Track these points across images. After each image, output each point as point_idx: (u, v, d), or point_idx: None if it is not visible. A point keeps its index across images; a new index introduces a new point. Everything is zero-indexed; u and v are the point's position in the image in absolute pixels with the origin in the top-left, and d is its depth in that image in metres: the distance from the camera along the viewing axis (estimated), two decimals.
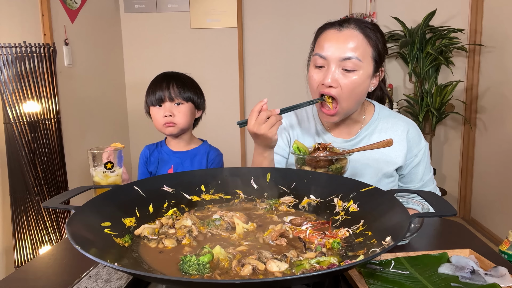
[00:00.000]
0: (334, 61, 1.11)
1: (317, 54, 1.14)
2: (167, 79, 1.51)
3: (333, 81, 1.11)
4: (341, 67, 1.11)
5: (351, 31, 1.12)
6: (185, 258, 0.68)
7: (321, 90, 1.14)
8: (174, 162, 1.56)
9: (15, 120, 1.83)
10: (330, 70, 1.11)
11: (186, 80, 1.54)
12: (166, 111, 1.48)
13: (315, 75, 1.16)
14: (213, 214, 0.92)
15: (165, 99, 1.48)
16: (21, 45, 1.82)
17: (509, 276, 0.74)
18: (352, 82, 1.11)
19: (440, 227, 1.08)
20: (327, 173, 1.06)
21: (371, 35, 1.13)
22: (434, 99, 3.04)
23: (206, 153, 1.60)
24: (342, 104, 1.14)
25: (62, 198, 0.81)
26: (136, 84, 3.43)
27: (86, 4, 2.78)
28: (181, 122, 1.50)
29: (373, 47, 1.13)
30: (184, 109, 1.50)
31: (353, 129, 1.26)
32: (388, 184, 1.25)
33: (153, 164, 1.59)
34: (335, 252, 0.75)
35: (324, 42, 1.13)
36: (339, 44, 1.10)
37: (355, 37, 1.11)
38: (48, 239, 1.96)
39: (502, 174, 2.87)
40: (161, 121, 1.50)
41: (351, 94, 1.12)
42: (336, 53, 1.10)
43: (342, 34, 1.11)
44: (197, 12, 3.31)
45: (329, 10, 3.24)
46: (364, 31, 1.12)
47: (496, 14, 2.97)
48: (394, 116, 1.28)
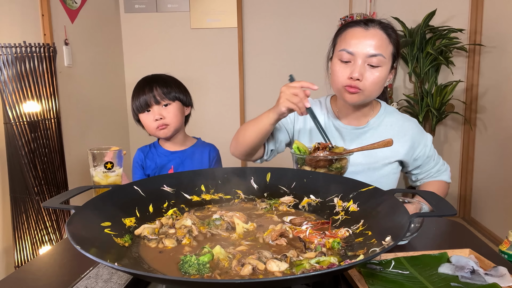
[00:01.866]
0: (361, 56, 1.18)
1: (344, 49, 1.21)
2: (149, 83, 1.50)
3: (360, 75, 1.18)
4: (367, 62, 1.19)
5: (376, 30, 1.20)
6: (185, 258, 0.68)
7: (347, 83, 1.20)
8: (174, 163, 1.55)
9: (15, 120, 1.83)
10: (357, 64, 1.18)
11: (168, 80, 1.53)
12: (156, 114, 1.47)
13: (341, 69, 1.22)
14: (213, 214, 0.92)
15: (152, 103, 1.47)
16: (21, 45, 1.82)
17: (509, 276, 0.74)
18: (376, 77, 1.19)
19: (440, 227, 1.08)
20: (327, 173, 1.07)
21: (392, 34, 1.23)
22: (434, 99, 3.04)
23: (205, 151, 1.59)
24: (366, 92, 1.21)
25: (62, 198, 0.81)
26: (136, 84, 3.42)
27: (86, 4, 2.78)
28: (173, 122, 1.49)
29: (393, 45, 1.23)
30: (173, 109, 1.49)
31: (362, 120, 1.34)
32: (389, 172, 1.32)
33: (149, 168, 1.57)
34: (335, 252, 0.75)
35: (352, 39, 1.20)
36: (366, 41, 1.18)
37: (379, 36, 1.20)
38: (48, 239, 1.96)
39: (502, 174, 2.87)
40: (153, 125, 1.49)
41: (374, 87, 1.21)
42: (364, 50, 1.18)
43: (368, 33, 1.20)
44: (197, 12, 3.31)
45: (329, 10, 3.24)
46: (386, 30, 1.22)
47: (496, 14, 2.97)
48: (398, 113, 1.38)
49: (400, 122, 1.34)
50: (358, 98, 1.22)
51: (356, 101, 1.23)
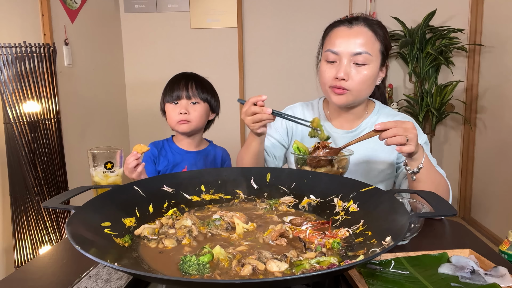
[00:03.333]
0: (345, 55, 1.16)
1: (329, 50, 1.19)
2: (186, 78, 1.52)
3: (345, 74, 1.16)
4: (352, 61, 1.17)
5: (360, 28, 1.18)
6: (185, 258, 0.68)
7: (333, 83, 1.18)
8: (188, 163, 1.55)
9: (15, 120, 1.83)
10: (342, 64, 1.17)
11: (204, 82, 1.56)
12: (182, 108, 1.48)
13: (327, 70, 1.20)
14: (213, 214, 0.92)
15: (182, 97, 1.49)
16: (21, 45, 1.82)
17: (509, 276, 0.74)
18: (363, 75, 1.17)
19: (440, 227, 1.08)
20: (327, 173, 1.06)
21: (378, 31, 1.20)
22: (434, 99, 3.04)
23: (218, 154, 1.60)
24: (354, 92, 1.18)
25: (62, 198, 0.81)
26: (136, 84, 3.43)
27: (86, 4, 2.78)
28: (195, 120, 1.50)
29: (380, 42, 1.20)
30: (200, 109, 1.50)
31: (355, 122, 1.30)
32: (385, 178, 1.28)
33: (162, 164, 1.56)
34: (335, 252, 0.75)
35: (336, 39, 1.19)
36: (350, 40, 1.16)
37: (364, 33, 1.17)
38: (48, 239, 1.96)
39: (502, 174, 2.87)
40: (176, 118, 1.50)
41: (362, 86, 1.18)
42: (348, 48, 1.16)
43: (352, 31, 1.18)
44: (197, 12, 3.31)
45: (329, 10, 3.24)
46: (372, 27, 1.19)
47: (496, 14, 2.97)
48: (393, 114, 1.33)
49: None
50: (346, 99, 1.19)
51: (344, 103, 1.20)
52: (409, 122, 1.01)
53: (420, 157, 1.05)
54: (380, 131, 1.01)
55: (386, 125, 1.00)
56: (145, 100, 3.38)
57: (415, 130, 1.00)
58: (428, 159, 1.09)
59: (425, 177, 1.08)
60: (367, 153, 1.26)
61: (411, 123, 1.01)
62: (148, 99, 3.36)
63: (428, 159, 1.09)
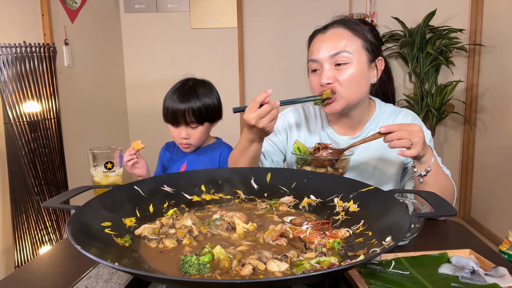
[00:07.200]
0: (325, 60, 1.15)
1: (310, 59, 1.21)
2: (185, 101, 1.47)
3: (329, 78, 1.14)
4: (333, 63, 1.15)
5: (334, 30, 1.18)
6: (186, 258, 0.68)
7: (321, 90, 1.16)
8: (188, 159, 1.59)
9: (15, 120, 1.83)
10: (324, 69, 1.15)
11: (204, 101, 1.50)
12: (182, 132, 1.50)
13: (314, 79, 1.20)
14: (213, 214, 0.92)
15: (181, 123, 1.49)
16: (21, 45, 1.82)
17: (509, 276, 0.74)
18: (348, 75, 1.14)
19: (440, 227, 1.08)
20: (327, 173, 1.06)
21: (356, 27, 1.17)
22: (434, 99, 3.04)
23: (219, 149, 1.61)
24: (343, 94, 1.15)
25: (62, 198, 0.81)
26: (136, 84, 3.43)
27: (86, 4, 2.78)
28: (197, 140, 1.53)
29: (361, 38, 1.16)
30: (200, 130, 1.52)
31: (358, 126, 1.27)
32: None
33: (166, 158, 1.64)
34: (335, 252, 0.75)
35: (313, 47, 1.20)
36: (325, 44, 1.16)
37: (339, 33, 1.16)
38: (48, 239, 1.96)
39: (502, 174, 2.87)
40: (177, 139, 1.54)
41: (350, 85, 1.14)
42: (325, 53, 1.15)
43: (326, 35, 1.18)
44: (197, 12, 3.31)
45: (329, 10, 3.23)
46: (348, 26, 1.17)
47: (496, 14, 2.97)
48: (395, 111, 1.29)
49: (397, 122, 1.25)
50: (338, 105, 1.15)
51: (338, 109, 1.16)
52: (415, 125, 0.99)
53: (428, 160, 1.03)
54: (385, 133, 1.00)
55: (391, 127, 1.00)
56: (145, 100, 3.38)
57: (421, 133, 0.99)
58: (437, 162, 1.07)
59: (433, 180, 1.05)
60: (379, 153, 1.24)
61: (418, 126, 0.99)
62: (148, 99, 3.36)
63: (437, 162, 1.06)
